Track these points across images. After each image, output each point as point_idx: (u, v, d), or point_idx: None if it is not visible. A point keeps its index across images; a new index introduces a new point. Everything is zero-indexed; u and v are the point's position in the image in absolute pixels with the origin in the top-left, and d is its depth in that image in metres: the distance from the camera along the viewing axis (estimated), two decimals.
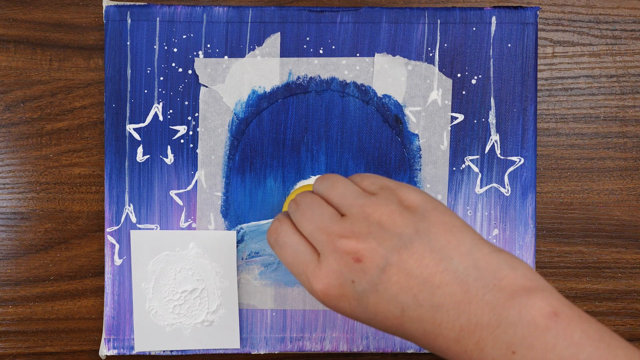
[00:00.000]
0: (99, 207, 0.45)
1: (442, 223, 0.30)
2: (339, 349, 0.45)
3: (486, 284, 0.28)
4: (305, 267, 0.31)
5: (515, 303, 0.27)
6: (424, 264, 0.29)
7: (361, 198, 0.32)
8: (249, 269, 0.44)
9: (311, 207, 0.33)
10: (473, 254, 0.29)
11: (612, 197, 0.45)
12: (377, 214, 0.31)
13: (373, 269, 0.30)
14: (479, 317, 0.28)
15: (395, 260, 0.29)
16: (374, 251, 0.30)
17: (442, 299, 0.28)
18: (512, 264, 0.29)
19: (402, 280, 0.29)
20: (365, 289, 0.30)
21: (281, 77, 0.43)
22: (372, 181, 0.33)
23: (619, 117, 0.45)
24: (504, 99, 0.44)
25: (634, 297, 0.46)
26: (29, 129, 0.44)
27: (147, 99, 0.43)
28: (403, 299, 0.29)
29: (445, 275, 0.29)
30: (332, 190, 0.33)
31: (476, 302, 0.28)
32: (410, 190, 0.32)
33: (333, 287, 0.30)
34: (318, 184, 0.34)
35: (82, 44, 0.44)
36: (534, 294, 0.28)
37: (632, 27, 0.45)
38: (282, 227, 0.33)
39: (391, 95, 0.44)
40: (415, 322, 0.29)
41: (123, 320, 0.44)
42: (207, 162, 0.44)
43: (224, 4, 0.44)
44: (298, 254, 0.32)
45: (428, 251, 0.29)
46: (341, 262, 0.30)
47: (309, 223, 0.32)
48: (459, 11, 0.43)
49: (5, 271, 0.45)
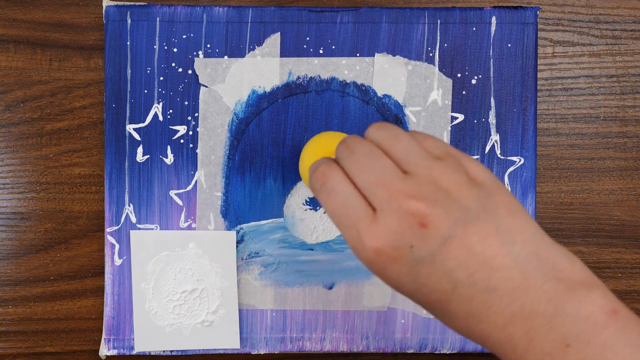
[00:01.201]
0: (99, 207, 0.45)
1: (507, 204, 0.29)
2: (339, 349, 0.45)
3: (546, 274, 0.27)
4: (358, 222, 0.28)
5: (574, 296, 0.27)
6: (487, 243, 0.28)
7: (428, 160, 0.29)
8: (249, 269, 0.44)
9: (370, 157, 0.29)
10: (535, 242, 0.28)
11: (612, 197, 0.45)
12: (445, 180, 0.28)
13: (436, 237, 0.28)
14: (535, 305, 0.27)
15: (459, 234, 0.28)
16: (440, 219, 0.28)
17: (499, 282, 0.27)
18: (571, 258, 0.28)
19: (462, 255, 0.28)
20: (422, 256, 0.28)
21: (281, 77, 0.43)
22: (437, 144, 0.31)
23: (619, 117, 0.45)
24: (504, 99, 0.44)
25: (634, 297, 0.46)
26: (29, 129, 0.44)
27: (147, 99, 0.43)
28: (458, 275, 0.28)
29: (506, 258, 0.27)
30: (394, 144, 0.30)
31: (534, 290, 0.27)
32: (477, 164, 0.30)
33: (388, 248, 0.28)
34: (375, 131, 0.31)
35: (82, 44, 0.44)
36: (593, 289, 0.27)
37: (632, 27, 0.45)
38: (332, 174, 0.30)
39: (391, 95, 0.44)
40: (463, 301, 0.28)
41: (123, 320, 0.44)
42: (207, 162, 0.44)
43: (224, 4, 0.44)
44: (350, 205, 0.29)
45: (493, 231, 0.28)
46: (404, 224, 0.28)
47: (367, 175, 0.29)
48: (459, 11, 0.43)
49: (5, 271, 0.45)
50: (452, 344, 0.44)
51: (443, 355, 0.46)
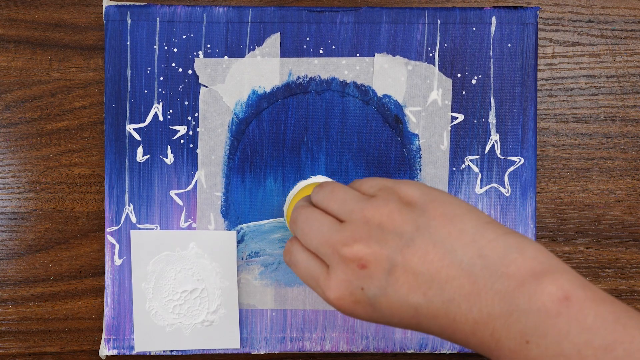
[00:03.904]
0: (99, 207, 0.45)
1: (441, 215, 0.30)
2: (339, 349, 0.45)
3: (493, 273, 0.27)
4: (317, 280, 0.32)
5: (524, 290, 0.26)
6: (428, 260, 0.28)
7: (360, 202, 0.31)
8: (249, 269, 0.44)
9: (309, 223, 0.32)
10: (477, 242, 0.28)
11: (612, 197, 0.45)
12: (376, 216, 0.30)
13: (380, 272, 0.29)
14: (490, 307, 0.27)
15: (400, 261, 0.29)
16: (377, 254, 0.29)
17: (452, 292, 0.28)
18: (521, 248, 0.28)
19: (410, 279, 0.29)
20: (375, 293, 0.30)
21: (281, 77, 0.43)
22: (372, 184, 0.33)
23: (619, 117, 0.45)
24: (504, 99, 0.44)
25: (634, 297, 0.46)
26: (29, 129, 0.44)
27: (147, 99, 0.43)
28: (414, 298, 0.29)
29: (450, 268, 0.28)
30: (331, 199, 0.33)
31: (485, 293, 0.27)
32: (409, 186, 0.31)
33: (345, 296, 0.30)
34: (315, 193, 0.34)
35: (82, 44, 0.44)
36: (543, 278, 0.27)
37: (632, 27, 0.45)
38: (293, 247, 0.34)
39: (391, 95, 0.44)
40: (430, 319, 0.29)
41: (123, 320, 0.44)
42: (207, 162, 0.44)
43: (224, 4, 0.44)
44: (309, 269, 0.32)
45: (431, 246, 0.29)
46: (348, 271, 0.30)
47: (312, 239, 0.32)
48: (459, 11, 0.43)
49: (5, 271, 0.45)
50: (452, 344, 0.44)
51: (443, 355, 0.46)
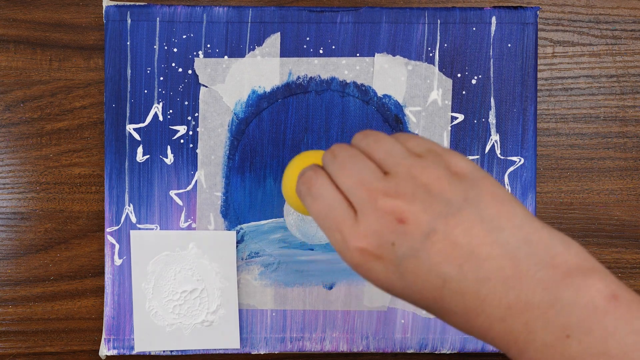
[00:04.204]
0: (99, 207, 0.45)
1: (493, 193, 0.28)
2: (339, 349, 0.45)
3: (539, 261, 0.26)
4: (341, 224, 0.29)
5: (571, 283, 0.25)
6: (472, 233, 0.27)
7: (408, 158, 0.29)
8: (249, 269, 0.44)
9: (352, 160, 0.30)
10: (525, 228, 0.27)
11: (612, 197, 0.45)
12: (424, 176, 0.28)
13: (416, 233, 0.27)
14: (530, 295, 0.26)
15: (441, 228, 0.27)
16: (419, 214, 0.28)
17: (490, 272, 0.26)
18: (566, 242, 0.27)
19: (447, 249, 0.27)
20: (405, 253, 0.28)
21: (281, 77, 0.43)
22: (419, 142, 0.31)
23: (619, 117, 0.45)
24: (504, 99, 0.44)
25: None
26: (29, 129, 0.44)
27: (147, 99, 0.43)
28: (446, 269, 0.27)
29: (494, 247, 0.27)
30: (376, 147, 0.30)
31: (527, 279, 0.26)
32: (460, 157, 0.30)
33: (371, 247, 0.28)
34: (359, 139, 0.32)
35: (82, 44, 0.44)
36: (591, 274, 0.26)
37: (632, 27, 0.45)
38: (318, 178, 0.31)
39: (391, 95, 0.44)
40: (456, 295, 0.27)
41: (123, 320, 0.44)
42: (207, 162, 0.44)
43: (224, 4, 0.44)
44: (333, 208, 0.29)
45: (478, 221, 0.27)
46: (382, 222, 0.28)
47: (348, 177, 0.29)
48: (459, 11, 0.43)
49: (5, 271, 0.45)
50: (452, 344, 0.44)
51: (443, 355, 0.46)
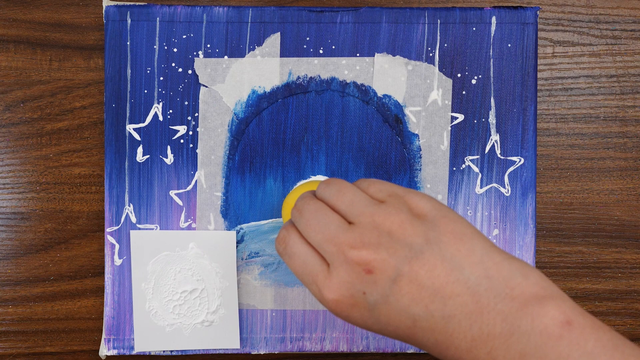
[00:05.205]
0: (99, 207, 0.45)
1: (452, 232, 0.30)
2: (339, 349, 0.45)
3: (498, 294, 0.28)
4: (315, 278, 0.31)
5: (527, 312, 0.27)
6: (435, 274, 0.29)
7: (370, 206, 0.31)
8: (249, 269, 0.44)
9: (316, 216, 0.32)
10: (484, 263, 0.29)
11: (612, 197, 0.45)
12: (387, 223, 0.30)
13: (384, 280, 0.29)
14: (491, 327, 0.28)
15: (406, 271, 0.29)
16: (385, 262, 0.29)
17: (454, 309, 0.28)
18: (524, 272, 0.29)
19: (414, 291, 0.29)
20: (376, 300, 0.30)
21: (281, 77, 0.43)
22: (380, 188, 0.32)
23: (619, 117, 0.45)
24: (504, 99, 0.44)
25: (634, 297, 0.46)
26: (29, 129, 0.44)
27: (147, 99, 0.43)
28: (414, 309, 0.29)
29: (456, 285, 0.29)
30: (339, 197, 0.32)
31: (488, 312, 0.28)
32: (420, 198, 0.31)
33: (344, 298, 0.30)
34: (323, 189, 0.34)
35: (82, 44, 0.44)
36: (546, 302, 0.27)
37: (632, 27, 0.45)
38: (290, 237, 0.33)
39: (391, 95, 0.44)
40: (427, 332, 0.29)
41: (123, 320, 0.44)
42: (207, 162, 0.44)
43: (224, 4, 0.44)
44: (307, 264, 0.32)
45: (439, 261, 0.29)
46: (352, 274, 0.30)
47: (316, 233, 0.31)
48: (459, 11, 0.43)
49: (5, 271, 0.45)
50: None
51: None
